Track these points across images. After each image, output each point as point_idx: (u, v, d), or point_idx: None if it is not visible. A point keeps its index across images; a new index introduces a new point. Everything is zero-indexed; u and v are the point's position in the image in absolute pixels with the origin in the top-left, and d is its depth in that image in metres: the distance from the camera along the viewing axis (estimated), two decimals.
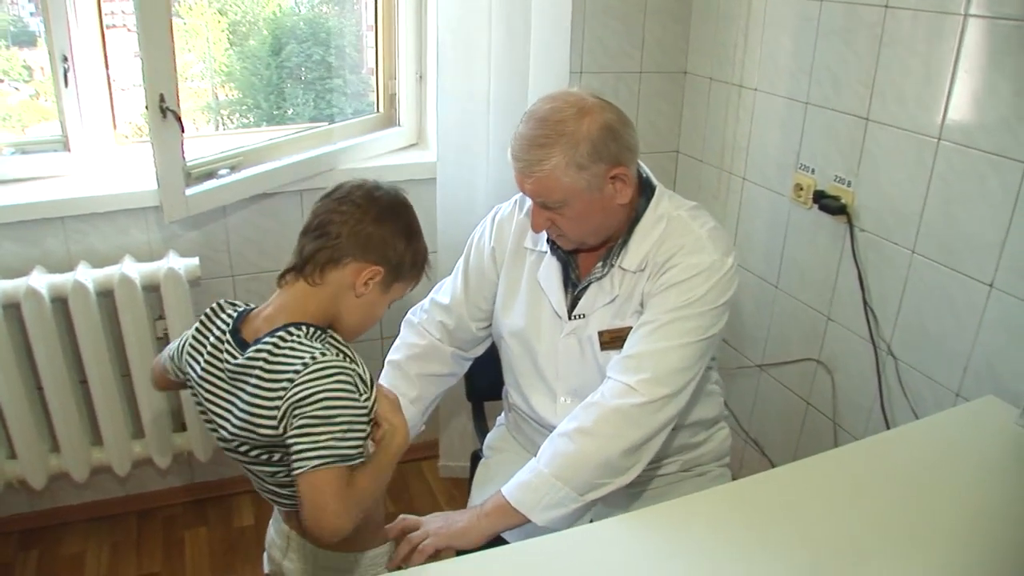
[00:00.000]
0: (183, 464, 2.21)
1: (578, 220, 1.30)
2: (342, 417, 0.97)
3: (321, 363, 0.98)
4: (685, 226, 1.34)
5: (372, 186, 1.11)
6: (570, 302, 1.41)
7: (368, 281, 1.08)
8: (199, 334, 1.13)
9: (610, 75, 2.22)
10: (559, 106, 1.26)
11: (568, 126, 1.23)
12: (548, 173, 1.24)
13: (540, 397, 1.47)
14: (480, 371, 1.72)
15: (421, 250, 1.14)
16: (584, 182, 1.25)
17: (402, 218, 1.11)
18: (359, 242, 1.06)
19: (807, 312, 1.95)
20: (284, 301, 1.08)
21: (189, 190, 1.78)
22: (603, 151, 1.24)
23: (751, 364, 2.17)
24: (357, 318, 1.10)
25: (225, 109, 2.23)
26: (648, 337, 1.28)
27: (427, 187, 2.05)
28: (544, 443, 1.29)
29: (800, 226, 1.94)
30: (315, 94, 2.25)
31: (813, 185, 1.86)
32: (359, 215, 1.07)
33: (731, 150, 2.16)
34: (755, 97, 2.04)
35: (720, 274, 1.30)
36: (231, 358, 1.06)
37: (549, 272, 1.42)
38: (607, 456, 1.23)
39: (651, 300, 1.31)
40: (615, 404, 1.25)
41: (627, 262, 1.35)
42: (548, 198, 1.27)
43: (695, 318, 1.28)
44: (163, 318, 1.90)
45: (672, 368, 1.26)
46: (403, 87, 2.22)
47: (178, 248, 1.95)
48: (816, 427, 1.97)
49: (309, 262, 1.06)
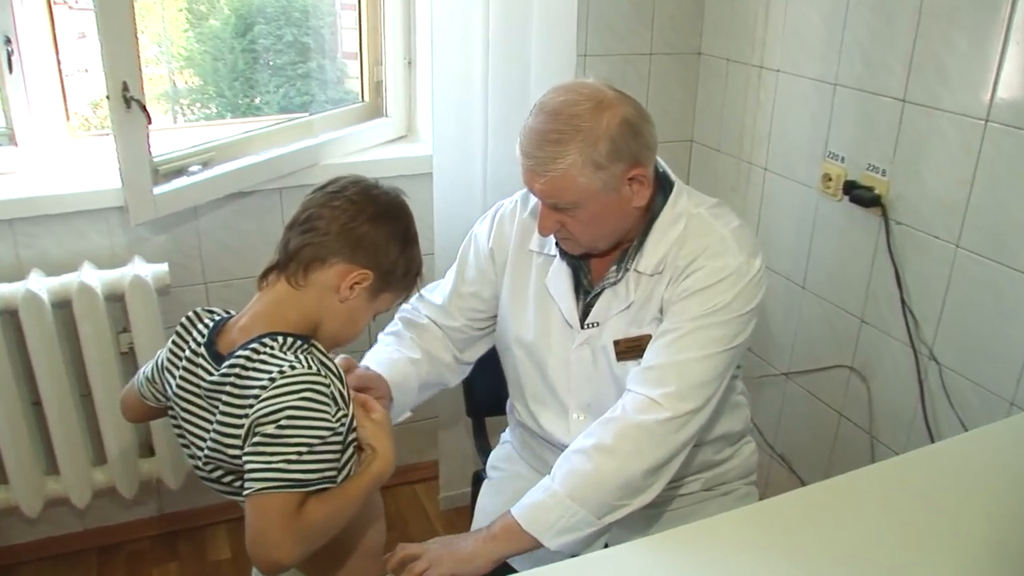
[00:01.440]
0: (151, 493, 2.19)
1: (591, 224, 1.30)
2: (299, 438, 0.96)
3: (289, 377, 0.97)
4: (707, 225, 1.34)
5: (370, 184, 1.11)
6: (582, 310, 1.41)
7: (355, 285, 1.07)
8: (175, 347, 1.12)
9: (617, 57, 2.21)
10: (574, 98, 1.25)
11: (585, 121, 1.23)
12: (563, 173, 1.24)
13: (550, 413, 1.47)
14: (480, 383, 1.74)
15: (415, 260, 1.14)
16: (600, 183, 1.25)
17: (399, 222, 1.10)
18: (349, 241, 1.06)
19: (838, 314, 1.95)
20: (261, 308, 1.08)
21: (157, 189, 1.77)
22: (623, 149, 1.24)
23: (776, 372, 2.17)
24: (338, 325, 1.10)
25: (184, 98, 2.20)
26: (670, 347, 1.28)
27: (420, 183, 2.05)
28: (558, 460, 1.29)
29: (829, 220, 1.94)
30: (286, 81, 2.23)
31: (843, 175, 1.86)
32: (353, 212, 1.06)
33: (751, 138, 2.16)
34: (777, 79, 2.04)
35: (747, 278, 1.30)
36: (206, 374, 1.06)
37: (558, 277, 1.42)
38: (628, 476, 1.23)
39: (672, 307, 1.31)
40: (638, 420, 1.25)
41: (643, 265, 1.35)
42: (560, 199, 1.27)
43: (720, 326, 1.28)
44: (128, 331, 1.88)
45: (697, 381, 1.26)
46: (390, 73, 2.21)
47: (144, 253, 1.94)
48: (850, 441, 1.97)
49: (293, 259, 1.06)
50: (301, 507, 0.97)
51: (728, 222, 1.35)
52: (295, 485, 0.96)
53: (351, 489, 1.03)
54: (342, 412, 1.02)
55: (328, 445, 0.99)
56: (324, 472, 0.99)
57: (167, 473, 2.02)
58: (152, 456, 2.02)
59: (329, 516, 1.00)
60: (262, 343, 1.02)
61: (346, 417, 1.02)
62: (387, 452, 1.07)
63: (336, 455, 1.01)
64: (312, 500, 0.98)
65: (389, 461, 1.07)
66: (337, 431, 1.00)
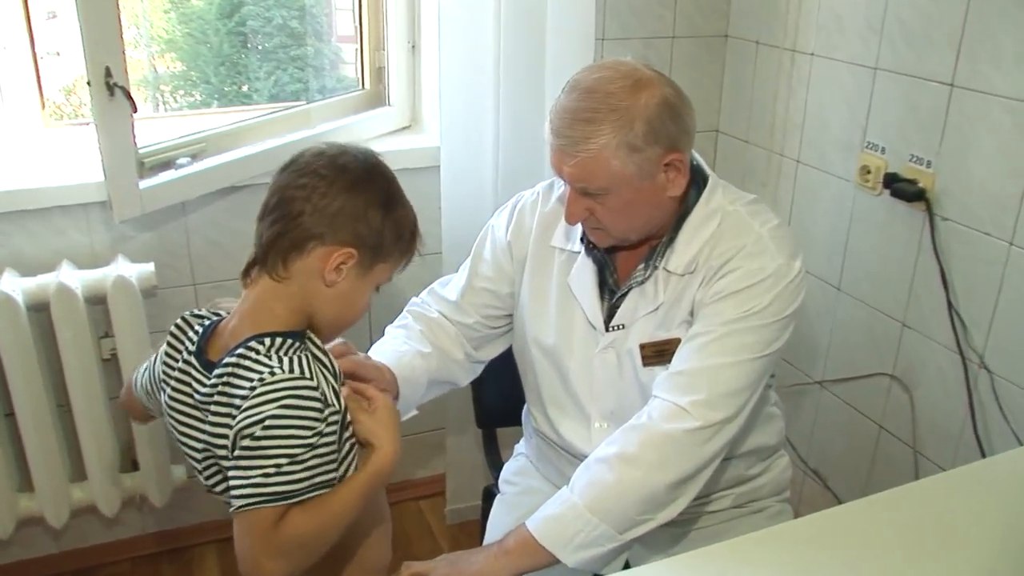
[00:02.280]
0: (133, 511, 2.18)
1: (622, 212, 1.30)
2: (279, 448, 0.96)
3: (268, 385, 0.98)
4: (743, 224, 1.34)
5: (336, 151, 1.08)
6: (607, 311, 1.42)
7: (340, 267, 1.06)
8: (169, 359, 1.13)
9: (637, 41, 2.20)
10: (610, 75, 1.26)
11: (621, 99, 1.23)
12: (595, 154, 1.24)
13: (570, 422, 1.47)
14: (492, 391, 1.76)
15: (404, 219, 1.11)
16: (635, 167, 1.25)
17: (375, 185, 1.08)
18: (324, 221, 1.04)
19: (877, 318, 1.94)
20: (248, 307, 1.08)
21: (143, 182, 1.76)
22: (660, 132, 1.24)
23: (810, 381, 2.16)
24: (333, 312, 1.09)
25: (166, 84, 2.20)
26: (700, 352, 1.29)
27: (427, 177, 2.05)
28: (578, 470, 1.29)
29: (868, 216, 1.93)
30: (276, 66, 2.23)
31: (883, 167, 1.85)
32: (323, 188, 1.05)
33: (783, 128, 2.15)
34: (812, 63, 2.03)
35: (786, 281, 1.30)
36: (199, 385, 1.06)
37: (582, 276, 1.42)
38: (652, 489, 1.23)
39: (704, 309, 1.32)
40: (665, 428, 1.25)
41: (674, 263, 1.35)
42: (590, 184, 1.27)
43: (755, 331, 1.28)
44: (110, 336, 1.88)
45: (728, 389, 1.27)
46: (393, 59, 2.20)
47: (129, 252, 1.93)
48: (892, 455, 1.96)
49: (269, 251, 1.06)
50: (284, 518, 0.97)
51: (766, 221, 1.35)
52: (276, 499, 0.96)
53: (344, 493, 1.02)
54: (332, 410, 1.01)
55: (317, 450, 0.99)
56: (314, 479, 0.99)
57: (152, 489, 2.01)
58: (136, 471, 2.01)
59: (319, 526, 0.99)
60: (248, 347, 1.02)
61: (338, 415, 1.02)
62: (385, 446, 1.05)
63: (330, 458, 1.01)
64: (294, 511, 0.98)
65: (388, 456, 1.05)
66: (325, 433, 1.00)
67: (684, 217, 1.36)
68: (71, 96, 2.07)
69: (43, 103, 1.98)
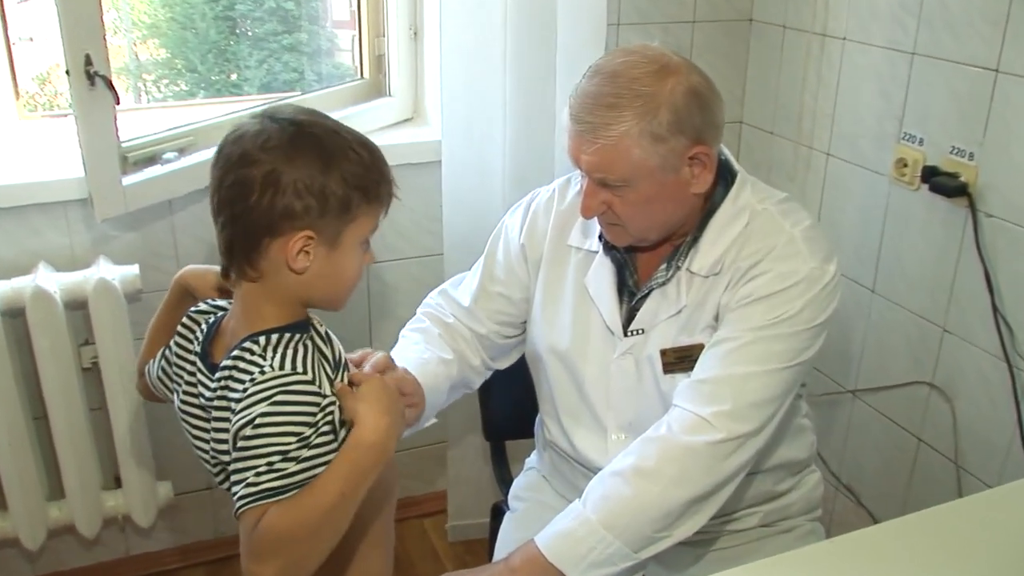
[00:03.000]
0: (116, 532, 2.17)
1: (642, 207, 1.31)
2: (270, 446, 0.99)
3: (259, 384, 1.01)
4: (774, 224, 1.34)
5: (254, 131, 1.05)
6: (626, 314, 1.42)
7: (302, 251, 1.05)
8: (179, 359, 1.18)
9: (655, 26, 2.20)
10: (636, 60, 1.26)
11: (646, 85, 1.24)
12: (616, 141, 1.24)
13: (586, 432, 1.47)
14: (500, 402, 1.76)
15: (355, 167, 1.06)
16: (658, 158, 1.26)
17: (303, 151, 1.04)
18: (264, 213, 1.03)
19: (915, 322, 1.93)
20: (239, 308, 1.12)
21: (126, 179, 1.76)
22: (686, 122, 1.25)
23: (842, 389, 2.15)
24: (323, 292, 1.10)
25: (149, 73, 2.20)
26: (726, 359, 1.29)
27: (428, 172, 2.05)
28: (591, 483, 1.30)
29: (904, 213, 1.92)
30: (269, 54, 2.22)
31: (922, 159, 1.84)
32: (249, 181, 1.03)
33: (811, 118, 2.14)
34: (843, 48, 2.03)
35: (819, 286, 1.30)
36: (205, 390, 1.11)
37: (600, 276, 1.43)
38: (670, 504, 1.24)
39: (730, 314, 1.32)
40: (685, 441, 1.26)
41: (698, 264, 1.35)
42: (609, 173, 1.27)
43: (785, 339, 1.29)
44: (91, 343, 1.87)
45: (754, 399, 1.27)
46: (393, 46, 2.20)
47: (112, 254, 1.93)
48: (931, 470, 1.95)
49: (230, 258, 1.08)
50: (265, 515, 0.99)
51: (798, 220, 1.35)
52: (268, 495, 0.99)
53: (321, 481, 1.01)
54: (330, 400, 1.04)
55: (311, 441, 1.01)
56: (311, 472, 1.01)
57: (136, 508, 2.00)
58: (119, 488, 2.00)
59: (295, 520, 0.99)
60: (243, 348, 1.06)
61: (334, 404, 1.04)
62: (364, 419, 1.03)
63: (327, 449, 1.02)
64: (270, 509, 0.99)
65: (366, 428, 1.03)
66: (320, 425, 1.02)
67: (710, 215, 1.36)
68: (46, 85, 2.06)
69: (17, 93, 1.98)
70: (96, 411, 1.94)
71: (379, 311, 2.21)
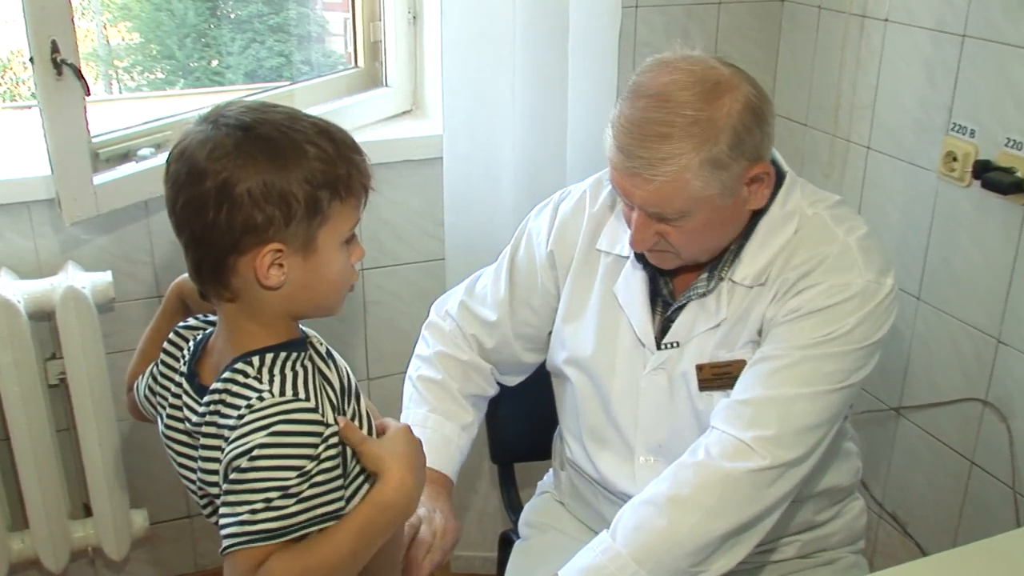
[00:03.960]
0: (85, 565, 2.15)
1: (699, 234, 1.32)
2: (268, 481, 0.99)
3: (257, 412, 1.01)
4: (826, 231, 1.35)
5: (196, 144, 1.02)
6: (659, 325, 1.43)
7: (273, 265, 1.03)
8: (165, 379, 1.17)
9: (677, 8, 2.20)
10: (683, 79, 1.25)
11: (701, 109, 1.23)
12: (674, 176, 1.24)
13: (610, 455, 1.48)
14: (509, 420, 1.76)
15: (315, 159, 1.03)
16: (718, 186, 1.26)
17: (253, 149, 1.01)
18: (224, 232, 1.02)
19: (966, 332, 1.92)
20: (224, 328, 1.11)
21: (97, 177, 1.76)
22: (746, 143, 1.26)
23: (885, 407, 2.14)
24: (309, 302, 1.09)
25: (120, 59, 2.21)
26: (770, 379, 1.30)
27: (430, 170, 2.05)
28: (622, 512, 1.30)
29: (954, 212, 1.91)
30: (253, 39, 2.22)
31: (973, 153, 1.83)
32: (203, 197, 1.01)
33: (849, 107, 2.13)
34: (885, 31, 2.02)
35: (875, 302, 1.31)
36: (191, 412, 1.11)
37: (631, 284, 1.44)
38: (707, 537, 1.25)
39: (776, 329, 1.33)
40: (725, 467, 1.26)
41: (741, 273, 1.36)
42: (667, 208, 1.28)
43: (836, 359, 1.29)
44: (59, 357, 1.87)
45: (801, 424, 1.28)
46: (391, 32, 2.20)
47: (81, 259, 1.93)
48: (986, 496, 1.93)
49: (201, 282, 1.08)
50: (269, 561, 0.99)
51: (853, 228, 1.36)
52: (264, 536, 0.98)
53: (335, 532, 1.03)
54: (332, 430, 1.03)
55: (314, 478, 1.01)
56: (312, 512, 1.00)
57: (108, 539, 1.98)
58: (88, 517, 1.99)
59: (307, 571, 1.00)
60: (235, 369, 1.05)
61: (337, 435, 1.04)
62: (391, 473, 1.05)
63: (331, 487, 1.02)
64: (275, 554, 0.99)
65: (392, 484, 1.05)
66: (324, 459, 1.01)
67: (756, 220, 1.37)
68: (6, 73, 2.05)
69: None
70: (63, 432, 1.93)
71: (376, 322, 2.19)
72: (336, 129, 1.07)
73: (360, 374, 2.19)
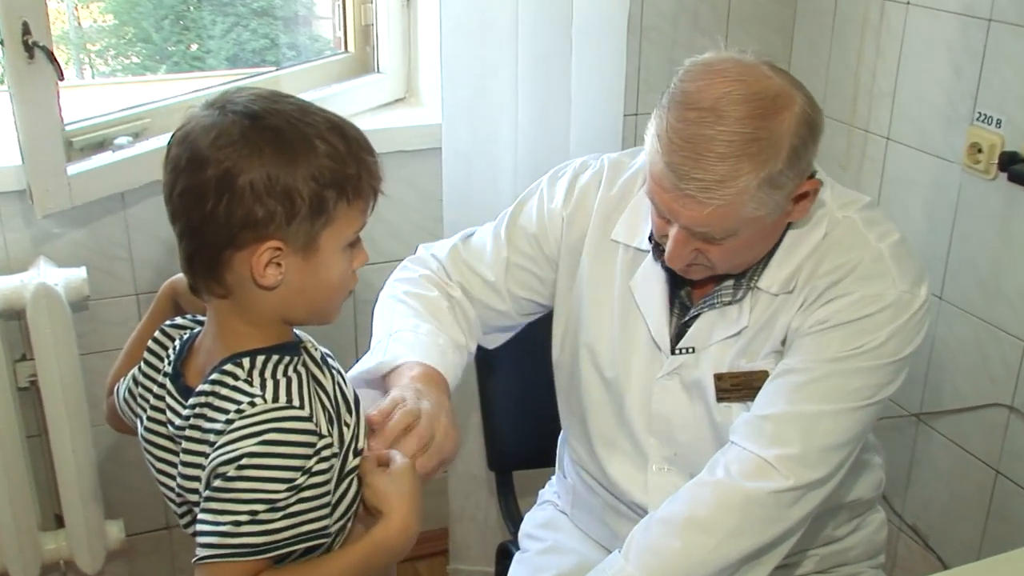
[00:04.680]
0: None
1: (740, 250, 1.31)
2: (255, 493, 0.99)
3: (248, 418, 1.01)
4: (857, 236, 1.35)
5: (200, 129, 1.02)
6: (676, 329, 1.42)
7: (271, 263, 1.03)
8: (147, 379, 1.17)
9: None
10: (738, 91, 1.20)
11: (761, 126, 1.19)
12: (732, 199, 1.21)
13: (622, 461, 1.48)
14: (507, 426, 1.78)
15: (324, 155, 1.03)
16: (772, 205, 1.24)
17: (261, 139, 1.01)
18: (222, 224, 1.02)
19: (991, 334, 1.93)
20: (213, 324, 1.11)
21: (72, 168, 1.76)
22: (803, 159, 1.24)
23: (905, 413, 2.14)
24: (304, 307, 1.09)
25: (93, 43, 2.20)
26: (794, 394, 1.29)
27: (426, 160, 2.06)
28: (634, 531, 1.30)
29: (979, 206, 1.91)
30: (236, 21, 2.22)
31: (999, 144, 1.83)
32: (203, 186, 1.01)
33: (867, 96, 2.13)
34: (907, 14, 2.02)
35: (908, 314, 1.30)
36: (174, 415, 1.11)
37: (648, 282, 1.43)
38: (725, 561, 1.25)
39: (801, 340, 1.32)
40: (746, 488, 1.26)
41: (767, 280, 1.36)
42: (715, 229, 1.25)
43: (864, 374, 1.29)
44: (29, 358, 1.86)
45: (827, 443, 1.28)
46: (383, 14, 2.21)
47: (54, 255, 1.92)
48: (1011, 507, 1.94)
49: (192, 275, 1.08)
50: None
51: (885, 233, 1.35)
52: (246, 552, 0.98)
53: (330, 567, 1.04)
54: (326, 442, 1.03)
55: (303, 493, 1.01)
56: (298, 529, 1.01)
57: (81, 552, 1.97)
58: (60, 528, 1.98)
59: None
60: (224, 371, 1.06)
61: (331, 447, 1.04)
62: (395, 514, 1.06)
63: (319, 503, 1.02)
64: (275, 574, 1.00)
65: (395, 527, 1.06)
66: (315, 472, 1.01)
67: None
68: None
69: None
70: (34, 438, 1.92)
71: (367, 322, 2.16)
72: (349, 126, 1.07)
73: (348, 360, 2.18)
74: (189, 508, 1.10)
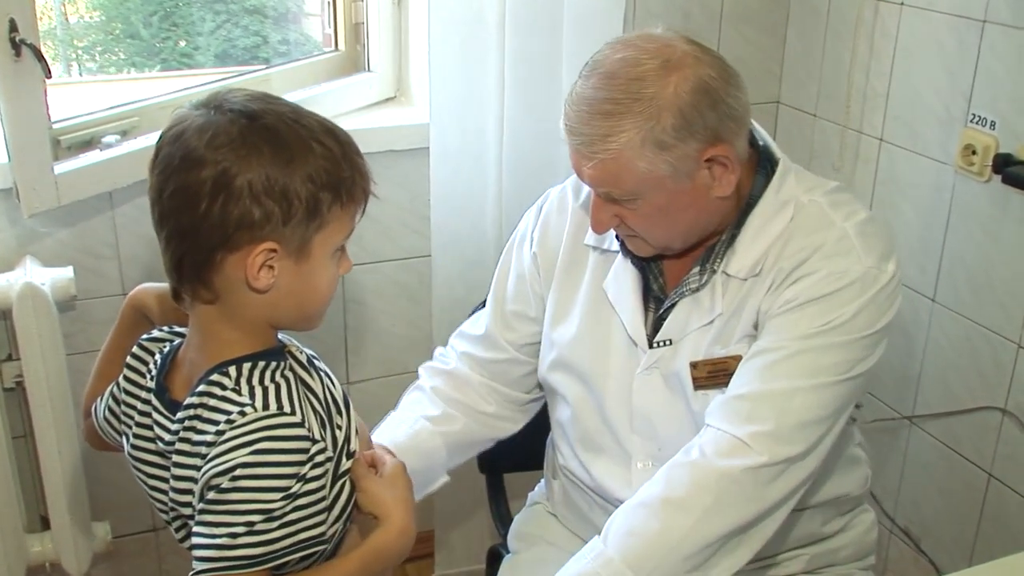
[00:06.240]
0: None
1: (657, 218, 1.34)
2: (251, 504, 0.99)
3: (240, 426, 1.01)
4: (823, 217, 1.36)
5: (195, 128, 1.02)
6: (652, 323, 1.44)
7: (265, 266, 1.03)
8: (129, 396, 1.17)
9: None
10: (635, 55, 1.28)
11: (648, 86, 1.26)
12: (616, 154, 1.27)
13: (606, 460, 1.49)
14: None
15: (321, 157, 1.04)
16: (667, 167, 1.28)
17: (258, 140, 1.02)
18: (217, 226, 1.01)
19: (984, 337, 1.93)
20: (197, 334, 1.11)
21: (59, 166, 1.76)
22: (696, 123, 1.27)
23: (897, 415, 2.15)
24: (292, 311, 1.09)
25: (80, 39, 2.19)
26: (766, 372, 1.30)
27: (415, 160, 2.06)
28: (613, 516, 1.31)
29: (972, 208, 1.92)
30: (227, 18, 2.23)
31: (993, 146, 1.84)
32: (194, 187, 1.00)
33: (861, 97, 2.14)
34: (901, 15, 2.02)
35: (876, 288, 1.32)
36: (162, 431, 1.11)
37: (621, 280, 1.45)
38: (705, 538, 1.25)
39: (772, 321, 1.34)
40: (721, 466, 1.27)
41: (735, 266, 1.37)
42: (615, 188, 1.31)
43: (837, 350, 1.30)
44: (15, 359, 1.86)
45: (801, 419, 1.28)
46: (374, 13, 2.21)
47: (41, 254, 1.92)
48: (1004, 510, 1.94)
49: (179, 278, 1.07)
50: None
51: (851, 213, 1.37)
52: (244, 563, 0.99)
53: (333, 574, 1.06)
54: (319, 447, 1.03)
55: (298, 501, 1.01)
56: (295, 537, 1.01)
57: (67, 554, 1.95)
58: (46, 531, 1.97)
59: None
60: (211, 381, 1.05)
61: (325, 452, 1.04)
62: (393, 519, 1.08)
63: (315, 509, 1.03)
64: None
65: (394, 533, 1.08)
66: (309, 479, 1.02)
67: (748, 210, 1.38)
68: None
69: None
70: (20, 439, 1.92)
71: (356, 323, 2.19)
72: (340, 130, 1.08)
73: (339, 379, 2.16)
74: (184, 522, 1.10)
